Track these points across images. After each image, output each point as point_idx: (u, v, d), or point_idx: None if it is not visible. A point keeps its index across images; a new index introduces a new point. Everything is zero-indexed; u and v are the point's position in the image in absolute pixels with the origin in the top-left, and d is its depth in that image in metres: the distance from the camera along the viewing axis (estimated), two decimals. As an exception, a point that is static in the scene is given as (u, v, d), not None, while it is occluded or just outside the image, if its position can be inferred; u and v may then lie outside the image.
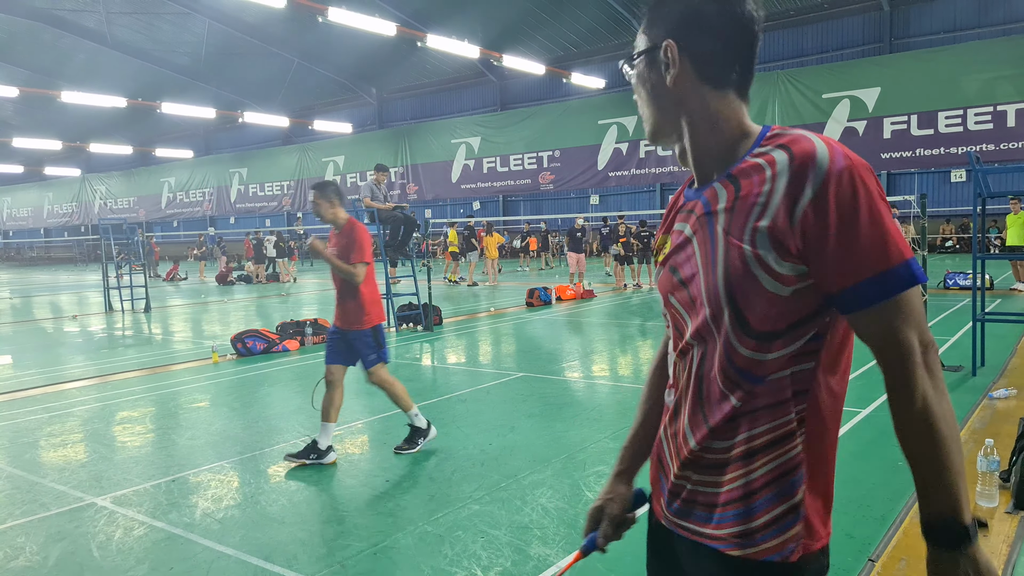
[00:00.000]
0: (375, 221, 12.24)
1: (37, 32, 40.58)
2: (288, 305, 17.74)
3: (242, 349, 10.17)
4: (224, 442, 6.01)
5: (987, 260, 8.29)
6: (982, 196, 7.43)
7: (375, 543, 3.95)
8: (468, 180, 24.00)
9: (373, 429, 6.31)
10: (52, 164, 58.18)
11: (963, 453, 1.24)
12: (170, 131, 53.97)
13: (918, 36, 29.41)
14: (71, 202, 40.88)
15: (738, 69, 1.35)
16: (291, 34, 38.85)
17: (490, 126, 24.04)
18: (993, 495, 4.15)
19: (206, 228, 40.13)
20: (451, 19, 32.78)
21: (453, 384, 7.98)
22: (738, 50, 1.34)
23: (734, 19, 1.32)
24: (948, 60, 16.42)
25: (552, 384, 7.87)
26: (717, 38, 1.33)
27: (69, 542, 4.11)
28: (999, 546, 3.68)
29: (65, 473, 5.33)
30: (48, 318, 16.80)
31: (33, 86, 41.02)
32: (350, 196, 25.39)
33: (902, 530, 3.87)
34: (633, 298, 16.80)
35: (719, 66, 1.34)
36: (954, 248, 30.37)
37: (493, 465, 5.16)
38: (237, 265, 32.57)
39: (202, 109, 35.73)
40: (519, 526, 4.09)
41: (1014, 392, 6.56)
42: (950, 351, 8.74)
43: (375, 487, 4.81)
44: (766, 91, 18.15)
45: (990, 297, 13.65)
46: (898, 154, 16.46)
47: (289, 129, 45.30)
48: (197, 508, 4.57)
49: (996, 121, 15.50)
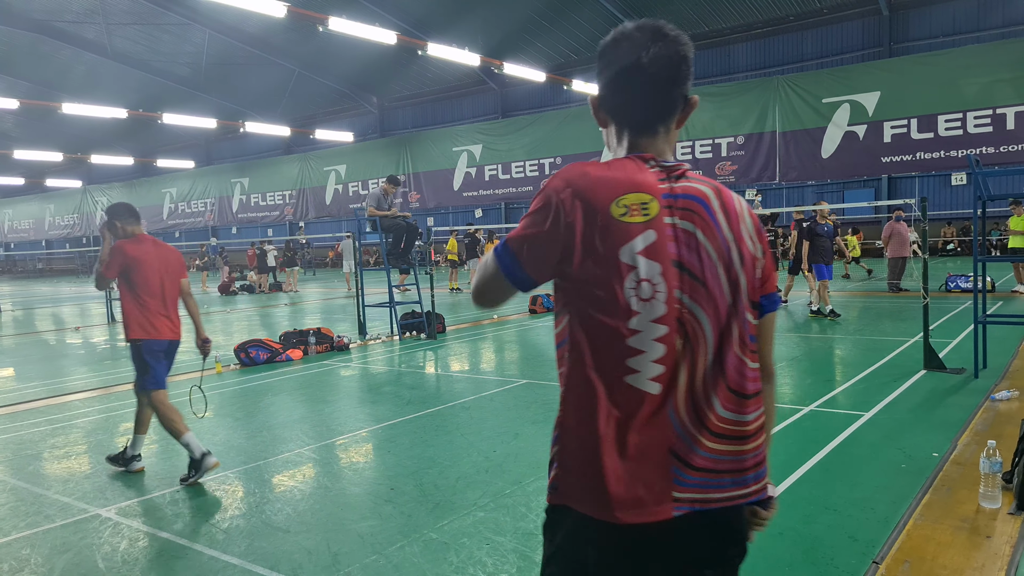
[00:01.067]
0: (377, 229, 12.27)
1: (37, 44, 40.74)
2: (291, 315, 17.76)
3: (245, 359, 10.19)
4: (228, 452, 6.02)
5: (988, 263, 8.30)
6: (982, 199, 7.45)
7: (380, 551, 3.95)
8: (470, 188, 24.04)
9: (378, 437, 6.32)
10: (53, 176, 58.30)
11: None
12: (171, 142, 54.10)
13: (917, 40, 29.47)
14: (72, 214, 40.98)
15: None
16: (292, 44, 38.97)
17: (491, 134, 24.08)
18: (996, 496, 4.16)
19: (208, 238, 40.23)
20: (451, 27, 32.88)
21: (457, 392, 7.99)
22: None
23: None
24: (947, 64, 16.44)
25: (555, 390, 7.82)
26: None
27: (74, 553, 4.13)
28: (1002, 547, 3.68)
29: (69, 485, 5.34)
30: (50, 330, 16.83)
31: (34, 98, 41.14)
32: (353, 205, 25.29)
33: (906, 532, 3.87)
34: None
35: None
36: (955, 251, 30.36)
37: (497, 472, 5.17)
38: (240, 275, 32.61)
39: (203, 119, 35.81)
40: (524, 532, 4.09)
41: (1016, 394, 6.57)
42: (952, 354, 8.74)
43: (380, 495, 4.82)
44: (766, 96, 18.18)
45: (991, 300, 13.65)
46: (899, 158, 16.48)
47: (290, 138, 45.38)
48: (202, 518, 4.58)
49: (996, 124, 15.52)
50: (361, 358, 10.62)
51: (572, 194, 1.52)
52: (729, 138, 18.87)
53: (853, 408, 6.52)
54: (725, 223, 1.58)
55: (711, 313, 1.53)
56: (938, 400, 6.76)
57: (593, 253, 1.50)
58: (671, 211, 1.53)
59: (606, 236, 1.49)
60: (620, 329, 1.50)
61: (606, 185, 1.53)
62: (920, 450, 5.25)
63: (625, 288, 1.49)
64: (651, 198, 1.52)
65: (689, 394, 1.52)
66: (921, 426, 5.90)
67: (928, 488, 4.49)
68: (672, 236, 1.52)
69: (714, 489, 1.52)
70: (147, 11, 36.55)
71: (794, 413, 6.42)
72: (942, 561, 3.57)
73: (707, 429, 1.52)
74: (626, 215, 1.50)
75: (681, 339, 1.51)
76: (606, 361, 1.52)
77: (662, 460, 1.50)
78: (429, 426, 6.53)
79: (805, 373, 8.36)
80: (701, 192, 1.58)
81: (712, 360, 1.53)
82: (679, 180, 1.58)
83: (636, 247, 1.49)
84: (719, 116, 19.14)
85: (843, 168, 17.74)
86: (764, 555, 3.70)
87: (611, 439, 1.51)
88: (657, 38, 1.66)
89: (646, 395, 1.50)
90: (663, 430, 1.50)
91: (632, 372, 1.50)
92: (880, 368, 8.24)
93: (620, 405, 1.51)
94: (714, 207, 1.58)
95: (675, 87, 1.68)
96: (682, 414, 1.51)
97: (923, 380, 7.52)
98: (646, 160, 1.60)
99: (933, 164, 16.77)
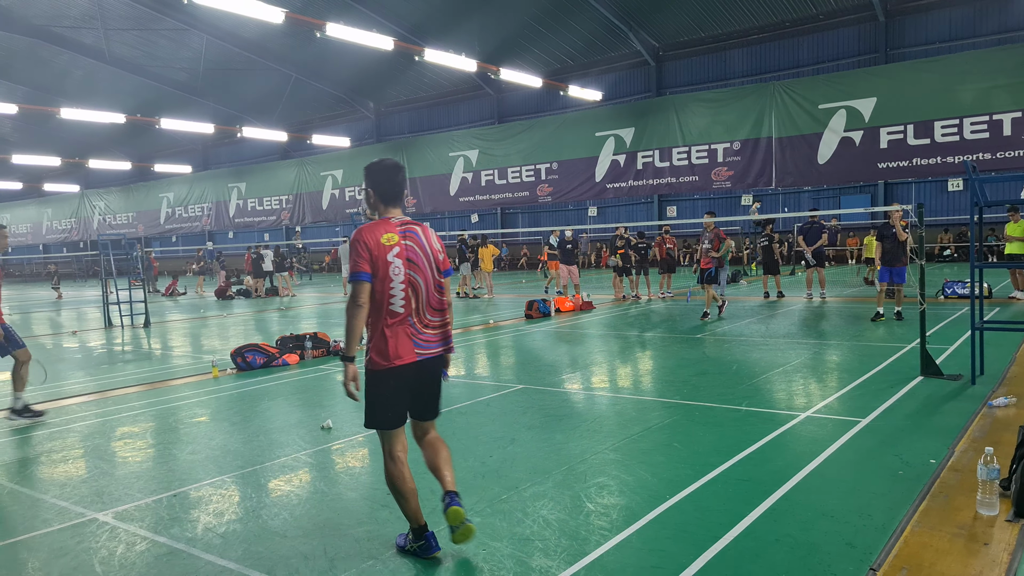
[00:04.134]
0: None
1: (36, 49, 40.71)
2: (287, 319, 17.74)
3: (242, 363, 10.17)
4: (225, 456, 6.01)
5: (985, 268, 8.32)
6: (979, 205, 7.47)
7: (377, 556, 3.95)
8: (466, 193, 23.99)
9: (374, 443, 6.30)
10: (51, 180, 58.27)
11: (356, 326, 3.77)
12: (168, 146, 54.10)
13: (913, 46, 29.59)
14: (70, 218, 40.80)
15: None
16: (289, 49, 39.01)
17: (488, 139, 24.03)
18: (993, 503, 4.16)
19: (205, 243, 40.17)
20: (448, 33, 32.94)
21: (452, 397, 7.98)
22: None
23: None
24: (944, 70, 16.43)
25: (551, 396, 7.87)
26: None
27: (71, 558, 4.11)
28: (1000, 554, 3.69)
29: (66, 489, 5.33)
30: (47, 334, 16.80)
31: (32, 103, 41.11)
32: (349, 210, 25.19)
33: (903, 539, 3.88)
34: (632, 309, 16.81)
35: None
36: (952, 257, 30.44)
37: (493, 477, 5.16)
38: (236, 280, 32.57)
39: (200, 124, 35.81)
40: (520, 538, 4.09)
41: (1013, 400, 6.58)
42: (949, 360, 8.76)
43: (376, 500, 4.81)
44: (762, 102, 18.16)
45: (988, 306, 13.67)
46: (895, 164, 16.47)
47: (287, 143, 45.39)
48: (199, 523, 4.57)
49: (992, 130, 15.51)
50: (357, 363, 10.59)
51: (366, 237, 3.74)
52: (725, 143, 18.85)
53: (850, 414, 6.53)
54: (426, 241, 3.92)
55: (423, 278, 3.87)
56: (935, 406, 6.77)
57: (377, 259, 3.73)
58: (403, 238, 3.83)
59: (379, 251, 3.74)
60: (388, 287, 3.76)
61: (377, 231, 3.79)
62: (917, 457, 5.25)
63: (390, 271, 3.76)
64: (394, 234, 3.81)
65: (416, 310, 3.85)
66: (918, 432, 5.90)
67: (925, 495, 4.50)
68: (404, 248, 3.81)
69: (430, 349, 3.92)
70: (145, 16, 36.57)
71: (791, 419, 6.43)
72: (940, 568, 3.57)
73: (425, 325, 3.89)
74: (386, 242, 3.76)
75: (412, 289, 3.82)
76: (383, 300, 3.76)
77: (408, 338, 3.83)
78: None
79: (802, 379, 8.37)
80: (415, 229, 3.91)
81: (426, 297, 3.88)
82: (406, 226, 3.88)
83: (392, 254, 3.76)
84: (715, 122, 19.12)
85: (839, 174, 17.72)
86: (761, 561, 3.71)
87: (389, 333, 3.79)
88: (399, 167, 3.99)
89: (399, 312, 3.80)
90: (407, 327, 3.83)
91: (393, 303, 3.78)
92: (877, 374, 8.25)
93: (390, 317, 3.79)
94: (420, 234, 3.90)
95: (403, 188, 4.01)
96: (414, 319, 3.85)
97: (920, 386, 7.53)
98: (391, 219, 3.90)
99: (929, 170, 16.75)
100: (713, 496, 4.63)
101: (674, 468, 5.20)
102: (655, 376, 9.04)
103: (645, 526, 4.20)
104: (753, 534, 4.03)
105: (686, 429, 6.27)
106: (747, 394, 7.52)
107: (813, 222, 17.36)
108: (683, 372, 8.94)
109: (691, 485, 4.82)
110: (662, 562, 3.74)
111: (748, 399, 7.28)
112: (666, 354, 10.45)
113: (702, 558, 3.75)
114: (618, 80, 37.12)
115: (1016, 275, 15.38)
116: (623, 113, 21.92)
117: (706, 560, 3.73)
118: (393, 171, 3.91)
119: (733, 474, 5.03)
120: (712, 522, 4.20)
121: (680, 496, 4.63)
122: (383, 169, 3.91)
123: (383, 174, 3.89)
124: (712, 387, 7.91)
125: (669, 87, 35.49)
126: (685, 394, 7.63)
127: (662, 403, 7.33)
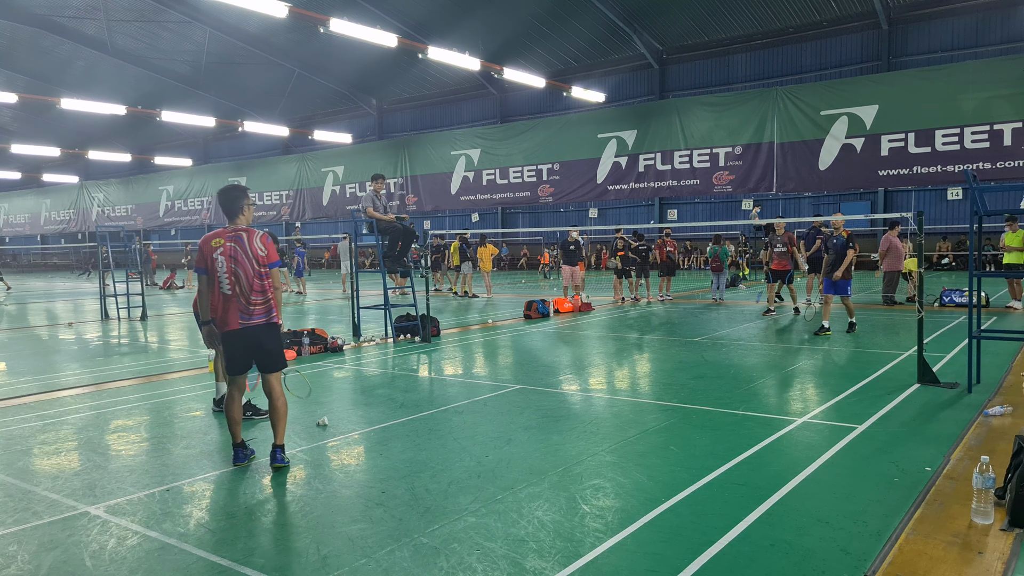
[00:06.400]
0: (374, 231, 12.25)
1: (37, 38, 40.67)
2: (285, 315, 17.71)
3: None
4: (219, 451, 5.99)
5: (983, 277, 8.32)
6: (979, 214, 7.46)
7: (370, 555, 3.93)
8: (467, 192, 23.99)
9: (370, 440, 6.30)
10: (50, 171, 58.19)
11: (201, 302, 5.56)
12: (169, 139, 54.02)
13: (916, 55, 29.62)
14: (69, 209, 40.74)
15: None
16: (292, 44, 38.97)
17: (490, 138, 24.03)
18: (988, 512, 4.15)
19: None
20: (452, 31, 32.92)
21: (450, 396, 7.97)
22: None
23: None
24: (946, 79, 16.47)
25: (549, 397, 7.86)
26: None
27: (62, 551, 4.09)
28: (994, 563, 3.68)
29: (58, 481, 5.31)
30: (44, 325, 16.77)
31: (32, 92, 41.06)
32: (350, 207, 25.26)
33: (898, 546, 3.87)
34: (631, 312, 16.80)
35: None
36: (950, 265, 30.46)
37: (489, 477, 5.15)
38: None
39: (202, 118, 35.75)
40: (515, 539, 4.08)
41: (1009, 409, 6.57)
42: (946, 368, 8.75)
43: (371, 498, 4.80)
44: (764, 107, 18.19)
45: (986, 314, 13.68)
46: (896, 171, 16.50)
47: (289, 139, 45.39)
48: (191, 518, 4.55)
49: (992, 140, 15.54)
50: (355, 360, 10.59)
51: (202, 243, 5.54)
52: (727, 148, 18.88)
53: (846, 421, 6.52)
54: (248, 244, 5.47)
55: (244, 271, 5.42)
56: (931, 414, 6.76)
57: (206, 257, 5.46)
58: (228, 241, 5.47)
59: (207, 251, 5.47)
60: (216, 276, 5.44)
61: (211, 237, 5.51)
62: (913, 464, 5.24)
63: (216, 266, 5.44)
64: (222, 239, 5.47)
65: (241, 293, 5.42)
66: (914, 440, 5.90)
67: (920, 502, 4.49)
68: (229, 249, 5.45)
69: (252, 319, 5.45)
70: (148, 8, 36.53)
71: (787, 425, 6.42)
72: (934, 576, 3.56)
73: (248, 303, 5.43)
74: (215, 245, 5.46)
75: (235, 277, 5.41)
76: (215, 284, 5.44)
77: (236, 312, 5.43)
78: (422, 430, 6.51)
79: (799, 385, 8.36)
80: (241, 235, 5.49)
81: (248, 284, 5.42)
82: (235, 233, 5.50)
83: (217, 253, 5.45)
84: (717, 126, 19.15)
85: (840, 180, 17.76)
86: (756, 566, 3.70)
87: (221, 308, 5.45)
88: (235, 195, 5.62)
89: (227, 294, 5.43)
90: (235, 304, 5.43)
91: (222, 287, 5.42)
92: (874, 381, 8.24)
93: (220, 296, 5.45)
94: (244, 239, 5.47)
95: (241, 205, 5.61)
96: (240, 298, 5.42)
97: (917, 394, 7.53)
98: (227, 228, 5.57)
99: (930, 178, 16.78)
100: (708, 500, 4.62)
101: (670, 471, 5.19)
102: (652, 379, 9.03)
103: (640, 529, 4.18)
104: (748, 539, 4.02)
105: (683, 432, 6.26)
106: (744, 398, 7.51)
107: (813, 228, 17.39)
108: (681, 375, 8.93)
109: (687, 488, 4.81)
110: (657, 565, 3.73)
111: (745, 403, 7.28)
112: (664, 357, 10.44)
113: (697, 562, 3.74)
114: (621, 82, 37.13)
115: (1014, 284, 15.39)
116: (626, 115, 21.92)
117: (701, 564, 3.72)
118: (228, 195, 5.59)
119: (729, 478, 5.02)
120: (707, 526, 4.19)
121: (676, 499, 4.62)
122: (222, 193, 5.63)
123: (222, 197, 5.61)
124: (709, 391, 7.91)
125: (672, 90, 35.50)
126: (682, 397, 7.62)
127: (659, 406, 7.32)
